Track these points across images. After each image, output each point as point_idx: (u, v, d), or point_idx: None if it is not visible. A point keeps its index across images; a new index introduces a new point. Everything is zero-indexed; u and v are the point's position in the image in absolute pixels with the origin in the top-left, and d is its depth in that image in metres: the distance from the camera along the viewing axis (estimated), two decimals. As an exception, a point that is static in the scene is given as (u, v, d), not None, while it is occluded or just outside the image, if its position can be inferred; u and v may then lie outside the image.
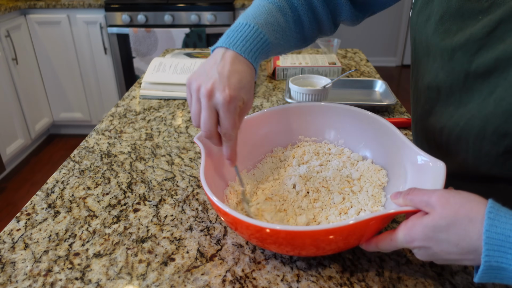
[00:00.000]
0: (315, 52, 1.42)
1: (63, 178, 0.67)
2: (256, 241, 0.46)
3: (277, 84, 1.10)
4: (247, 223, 0.41)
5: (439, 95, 0.53)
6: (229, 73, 0.47)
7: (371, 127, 0.61)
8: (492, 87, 0.45)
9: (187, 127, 0.84)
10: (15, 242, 0.52)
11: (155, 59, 1.09)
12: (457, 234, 0.38)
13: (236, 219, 0.42)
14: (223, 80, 0.46)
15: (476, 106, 0.47)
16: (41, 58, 2.50)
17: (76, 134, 2.84)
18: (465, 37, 0.47)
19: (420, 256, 0.42)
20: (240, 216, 0.42)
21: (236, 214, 0.42)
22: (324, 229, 0.40)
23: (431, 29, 0.52)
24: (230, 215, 0.43)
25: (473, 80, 0.48)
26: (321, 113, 0.65)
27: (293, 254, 0.47)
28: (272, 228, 0.41)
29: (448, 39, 0.50)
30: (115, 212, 0.58)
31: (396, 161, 0.55)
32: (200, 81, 0.47)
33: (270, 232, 0.42)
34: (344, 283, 0.46)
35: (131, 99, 1.01)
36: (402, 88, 3.69)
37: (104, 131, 0.83)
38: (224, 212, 0.43)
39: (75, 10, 2.40)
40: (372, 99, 0.99)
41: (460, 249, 0.38)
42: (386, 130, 0.57)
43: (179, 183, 0.65)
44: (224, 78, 0.46)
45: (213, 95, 0.46)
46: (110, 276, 0.47)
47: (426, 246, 0.40)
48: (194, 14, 2.36)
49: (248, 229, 0.43)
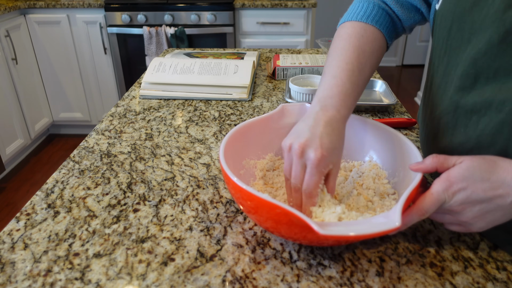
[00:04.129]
0: (315, 52, 1.42)
1: (63, 178, 0.67)
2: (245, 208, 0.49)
3: (277, 84, 1.10)
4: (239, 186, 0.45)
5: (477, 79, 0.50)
6: (322, 134, 0.49)
7: (378, 136, 0.61)
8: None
9: (187, 127, 0.84)
10: (15, 242, 0.52)
11: (155, 59, 1.09)
12: (488, 170, 0.43)
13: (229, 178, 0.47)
14: (316, 140, 0.48)
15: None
16: (41, 58, 2.50)
17: (76, 134, 2.84)
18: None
19: (457, 202, 0.44)
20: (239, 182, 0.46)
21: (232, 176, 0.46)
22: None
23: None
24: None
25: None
26: None
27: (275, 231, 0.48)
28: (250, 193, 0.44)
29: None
30: (115, 212, 0.58)
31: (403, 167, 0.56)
32: (293, 139, 0.49)
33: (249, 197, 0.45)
34: (344, 283, 0.46)
35: (131, 99, 1.01)
36: (402, 88, 3.69)
37: (104, 131, 0.83)
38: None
39: (74, 10, 2.40)
40: (372, 99, 0.99)
41: (491, 183, 0.42)
42: (393, 137, 0.58)
43: (179, 183, 0.65)
44: (317, 137, 0.48)
45: (305, 152, 0.48)
46: (110, 276, 0.47)
47: (463, 187, 0.43)
48: (194, 14, 2.36)
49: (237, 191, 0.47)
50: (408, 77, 3.98)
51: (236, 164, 0.58)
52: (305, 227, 0.41)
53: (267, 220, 0.46)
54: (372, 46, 0.60)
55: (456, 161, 0.45)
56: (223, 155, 0.52)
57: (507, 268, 0.48)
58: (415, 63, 4.21)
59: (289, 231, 0.45)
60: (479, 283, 0.46)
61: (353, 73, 0.56)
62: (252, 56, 1.23)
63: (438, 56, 0.57)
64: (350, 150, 0.64)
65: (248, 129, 0.61)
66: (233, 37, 2.45)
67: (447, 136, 0.55)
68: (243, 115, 0.90)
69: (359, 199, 0.55)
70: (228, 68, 1.05)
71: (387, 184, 0.57)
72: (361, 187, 0.57)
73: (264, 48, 1.48)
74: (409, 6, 0.63)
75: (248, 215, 0.51)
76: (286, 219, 0.43)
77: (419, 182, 0.46)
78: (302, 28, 2.45)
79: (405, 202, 0.43)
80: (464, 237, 0.52)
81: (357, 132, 0.63)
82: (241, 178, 0.57)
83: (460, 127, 0.52)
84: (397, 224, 0.40)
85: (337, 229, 0.42)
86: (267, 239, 0.52)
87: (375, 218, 0.44)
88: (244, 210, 0.50)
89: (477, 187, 0.43)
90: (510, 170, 0.42)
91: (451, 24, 0.53)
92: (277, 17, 2.42)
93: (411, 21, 0.64)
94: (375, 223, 0.42)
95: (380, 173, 0.59)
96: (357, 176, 0.59)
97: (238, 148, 0.59)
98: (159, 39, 2.36)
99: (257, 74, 1.18)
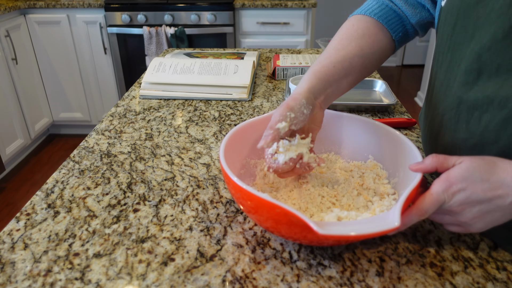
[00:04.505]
0: (315, 52, 1.42)
1: (63, 178, 0.67)
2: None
3: (277, 84, 1.10)
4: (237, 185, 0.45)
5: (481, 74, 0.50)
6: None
7: (377, 136, 0.61)
8: None
9: (187, 127, 0.84)
10: (15, 242, 0.52)
11: (155, 59, 1.09)
12: (487, 171, 0.43)
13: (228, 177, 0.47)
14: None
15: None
16: (41, 58, 2.50)
17: (76, 134, 2.84)
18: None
19: (456, 203, 0.44)
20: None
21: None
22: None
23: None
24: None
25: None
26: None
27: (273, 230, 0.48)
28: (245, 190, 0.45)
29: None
30: (115, 212, 0.58)
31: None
32: None
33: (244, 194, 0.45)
34: (344, 283, 0.46)
35: (131, 99, 1.01)
36: (402, 88, 3.69)
37: (104, 131, 0.83)
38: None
39: (74, 10, 2.40)
40: (372, 99, 0.99)
41: (491, 184, 0.42)
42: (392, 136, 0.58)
43: (179, 183, 0.65)
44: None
45: None
46: (110, 276, 0.47)
47: (463, 187, 0.43)
48: (194, 14, 2.36)
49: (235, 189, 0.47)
50: (408, 77, 3.98)
51: (237, 163, 0.58)
52: (305, 227, 0.41)
53: (267, 220, 0.46)
54: (362, 31, 0.62)
55: (456, 161, 0.45)
56: (223, 155, 0.51)
57: (507, 268, 0.48)
58: (415, 63, 4.21)
59: (289, 231, 0.45)
60: (479, 283, 0.46)
61: (329, 56, 0.59)
62: (252, 56, 1.23)
63: (442, 53, 0.58)
64: (351, 150, 0.64)
65: (248, 129, 0.61)
66: (233, 37, 2.45)
67: (450, 132, 0.55)
68: (243, 115, 0.90)
69: (359, 199, 0.55)
70: (228, 68, 1.05)
71: (387, 184, 0.57)
72: (361, 187, 0.58)
73: (264, 48, 1.48)
74: (414, 3, 0.64)
75: (248, 215, 0.51)
76: (286, 219, 0.43)
77: (418, 182, 0.46)
78: (302, 28, 2.45)
79: (405, 202, 0.43)
80: (464, 237, 0.52)
81: (357, 132, 0.63)
82: (241, 177, 0.57)
83: (463, 123, 0.52)
84: (396, 224, 0.40)
85: (336, 228, 0.42)
86: (267, 239, 0.52)
87: (375, 218, 0.44)
88: (244, 210, 0.50)
89: (476, 188, 0.43)
90: (509, 171, 0.42)
91: (456, 20, 0.53)
92: (277, 17, 2.42)
93: (417, 17, 0.65)
94: (374, 223, 0.42)
95: (380, 173, 0.59)
96: (357, 176, 0.59)
97: (239, 147, 0.59)
98: (159, 39, 2.36)
99: (257, 74, 1.18)
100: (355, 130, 0.63)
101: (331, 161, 0.64)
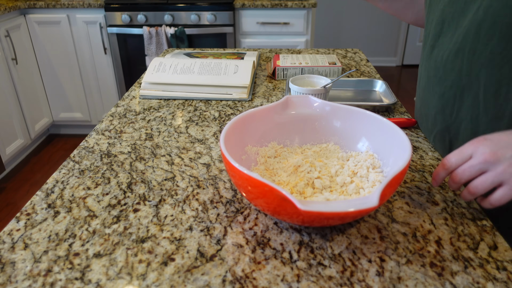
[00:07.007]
0: (315, 52, 1.42)
1: (63, 178, 0.67)
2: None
3: (277, 84, 1.10)
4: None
5: (443, 26, 0.67)
6: None
7: (373, 127, 0.64)
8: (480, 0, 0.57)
9: (187, 127, 0.84)
10: (15, 242, 0.52)
11: (155, 59, 1.09)
12: (499, 133, 0.48)
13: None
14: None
15: (468, 23, 0.59)
16: (41, 58, 2.50)
17: (76, 134, 2.84)
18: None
19: (486, 149, 0.47)
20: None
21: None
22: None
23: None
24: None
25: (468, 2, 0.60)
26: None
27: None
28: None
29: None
30: (115, 212, 0.58)
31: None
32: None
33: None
34: (344, 283, 0.46)
35: (131, 99, 1.01)
36: (402, 88, 3.69)
37: (104, 131, 0.83)
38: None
39: (74, 10, 2.40)
40: (372, 99, 0.99)
41: (510, 133, 0.47)
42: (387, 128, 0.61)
43: (179, 183, 0.65)
44: None
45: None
46: (110, 276, 0.47)
47: (485, 139, 0.47)
48: (194, 14, 2.36)
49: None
50: (408, 77, 3.98)
51: (239, 149, 0.61)
52: (289, 204, 0.44)
53: (258, 198, 0.49)
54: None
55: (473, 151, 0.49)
56: (224, 140, 0.54)
57: (507, 268, 0.48)
58: (415, 63, 4.21)
59: (280, 208, 0.48)
60: (479, 283, 0.46)
61: None
62: (252, 56, 1.23)
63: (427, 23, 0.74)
64: (349, 141, 0.67)
65: (251, 118, 0.64)
66: (233, 37, 2.45)
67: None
68: (243, 115, 0.91)
69: (352, 186, 0.58)
70: (228, 68, 1.05)
71: (380, 173, 0.59)
72: (356, 175, 0.60)
73: (264, 48, 1.48)
74: None
75: (244, 196, 0.55)
76: (274, 195, 0.46)
77: (403, 169, 0.48)
78: (302, 28, 2.45)
79: (385, 186, 0.45)
80: (464, 237, 0.52)
81: (355, 123, 0.66)
82: (242, 163, 0.61)
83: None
84: (374, 203, 0.43)
85: (317, 206, 0.45)
86: (267, 239, 0.53)
87: (357, 199, 0.47)
88: (239, 190, 0.54)
89: (500, 137, 0.46)
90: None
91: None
92: (277, 17, 2.42)
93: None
94: (354, 202, 0.45)
95: (375, 163, 0.61)
96: (353, 165, 0.62)
97: (241, 135, 0.62)
98: (159, 39, 2.36)
99: (257, 74, 1.18)
100: (354, 121, 0.66)
101: (330, 151, 0.67)
